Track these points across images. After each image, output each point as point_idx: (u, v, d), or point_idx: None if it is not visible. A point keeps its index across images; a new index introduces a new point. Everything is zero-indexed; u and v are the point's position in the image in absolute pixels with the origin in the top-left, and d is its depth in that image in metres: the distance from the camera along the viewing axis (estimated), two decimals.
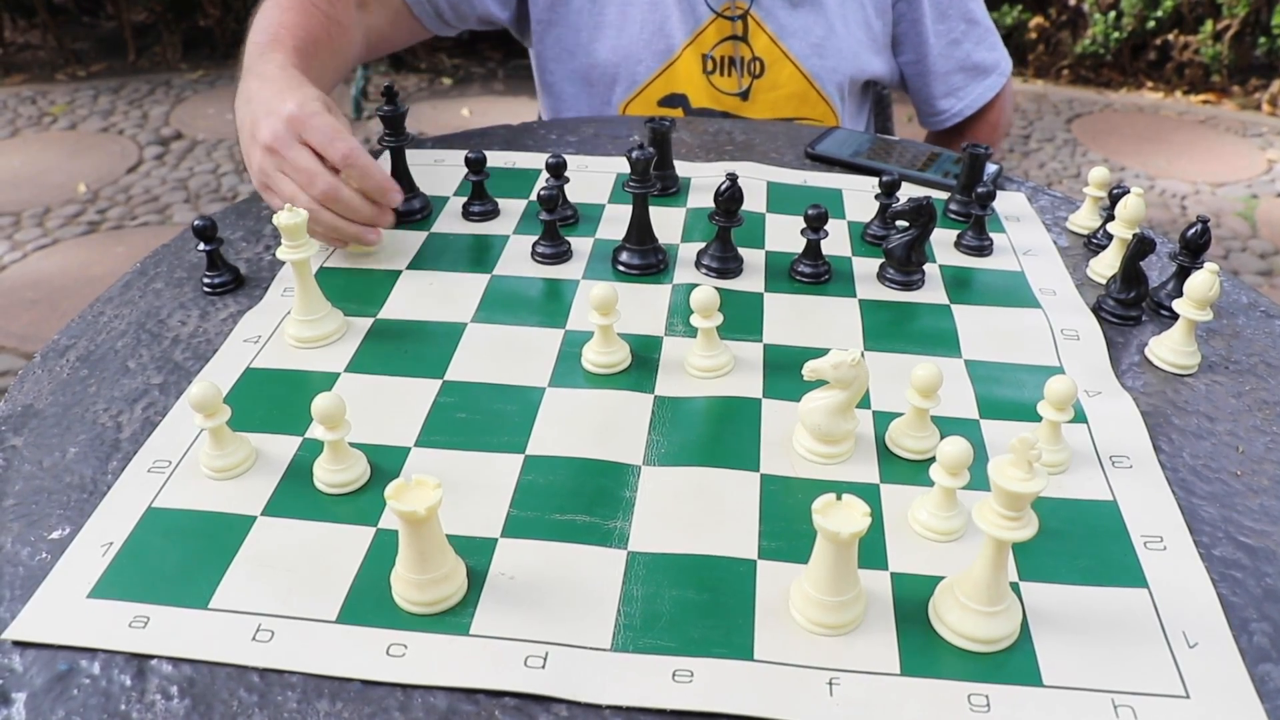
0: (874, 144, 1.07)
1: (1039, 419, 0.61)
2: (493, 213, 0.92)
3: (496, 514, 0.58)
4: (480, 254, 0.86)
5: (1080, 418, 0.67)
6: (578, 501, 0.59)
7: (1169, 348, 0.73)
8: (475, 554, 0.55)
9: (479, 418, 0.66)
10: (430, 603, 0.51)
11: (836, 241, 0.88)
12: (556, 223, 0.84)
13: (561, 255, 0.84)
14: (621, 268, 0.83)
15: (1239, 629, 0.52)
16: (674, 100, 1.23)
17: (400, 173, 0.91)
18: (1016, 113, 3.66)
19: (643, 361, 0.72)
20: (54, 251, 2.64)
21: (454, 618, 0.51)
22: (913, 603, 0.53)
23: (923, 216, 0.79)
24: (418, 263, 0.84)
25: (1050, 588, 0.54)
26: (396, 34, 1.21)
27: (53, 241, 2.68)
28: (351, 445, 0.61)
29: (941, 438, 0.56)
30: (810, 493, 0.50)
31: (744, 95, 1.22)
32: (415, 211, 0.92)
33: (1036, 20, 3.93)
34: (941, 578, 0.53)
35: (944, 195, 0.97)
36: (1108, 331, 0.77)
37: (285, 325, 0.74)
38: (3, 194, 2.92)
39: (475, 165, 0.89)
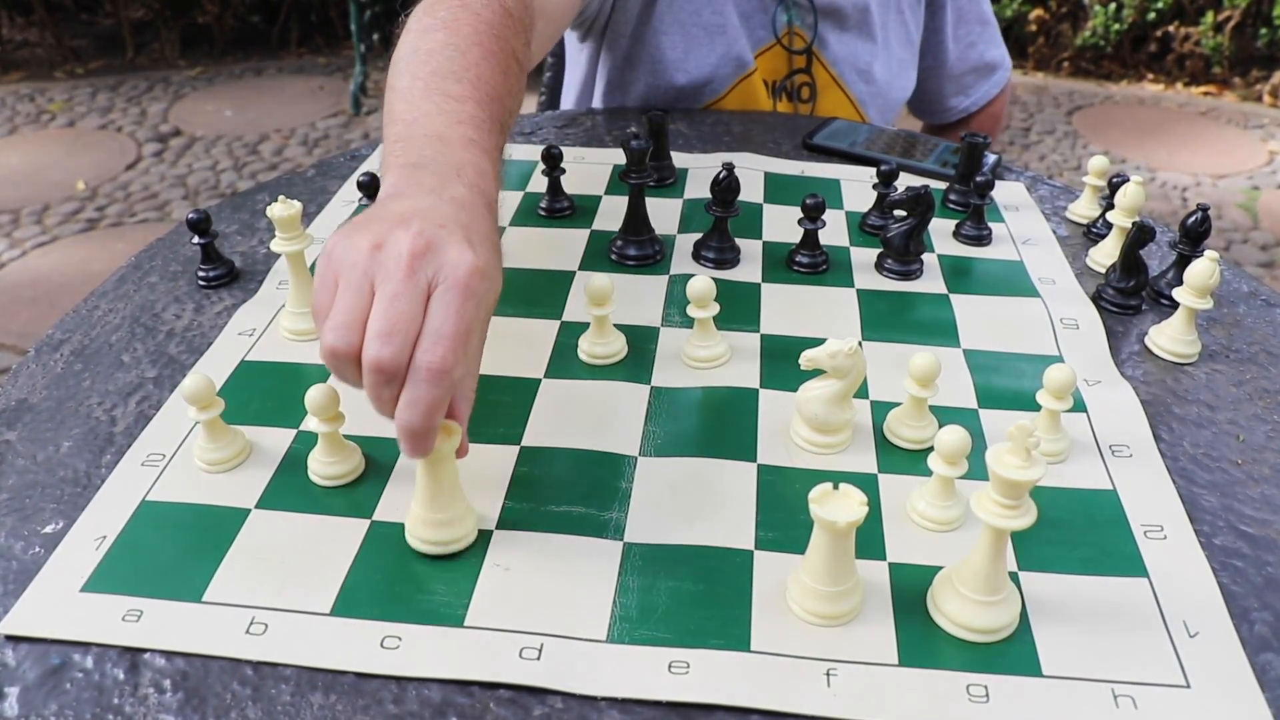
0: (872, 134, 1.07)
1: (1038, 408, 0.61)
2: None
3: (492, 505, 0.58)
4: None
5: (1080, 407, 0.66)
6: (573, 493, 0.59)
7: (1169, 336, 0.72)
8: (470, 546, 0.55)
9: (475, 409, 0.65)
10: (442, 542, 0.53)
11: (834, 231, 0.88)
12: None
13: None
14: (618, 258, 0.83)
15: (1240, 618, 0.51)
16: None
17: None
18: (1016, 105, 3.66)
19: (639, 352, 0.71)
20: (53, 249, 2.63)
21: (448, 609, 0.51)
22: (911, 593, 0.52)
23: (921, 206, 0.79)
24: None
25: (1049, 577, 0.54)
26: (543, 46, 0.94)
27: (51, 239, 2.68)
28: (346, 437, 0.60)
29: (940, 427, 0.56)
30: (807, 483, 0.50)
31: None
32: None
33: (1037, 12, 3.92)
34: (940, 568, 0.53)
35: (942, 185, 0.96)
36: (1107, 320, 0.76)
37: (280, 318, 0.74)
38: (1, 192, 2.92)
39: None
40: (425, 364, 0.48)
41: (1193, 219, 0.76)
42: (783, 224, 0.89)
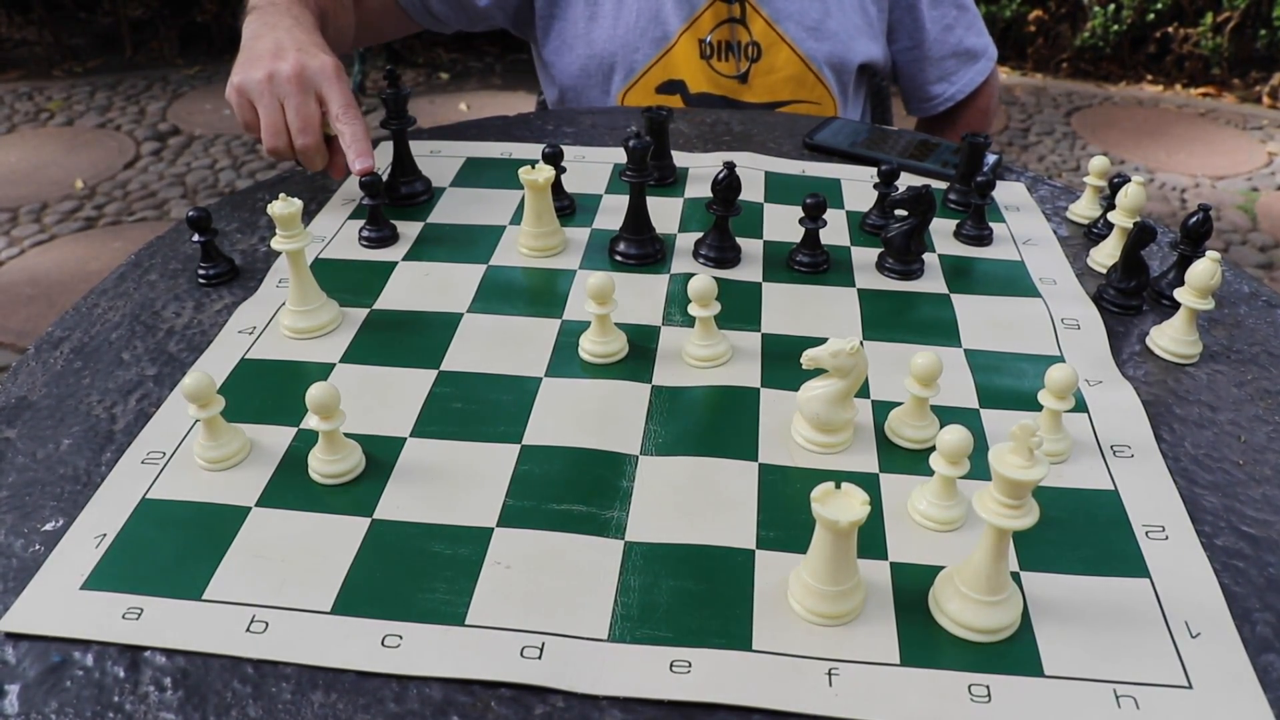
0: (872, 133, 1.07)
1: (1039, 408, 0.61)
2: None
3: (493, 504, 0.58)
4: (476, 244, 0.85)
5: (1081, 407, 0.66)
6: (575, 491, 0.58)
7: (1170, 337, 0.72)
8: (471, 544, 0.55)
9: (475, 408, 0.65)
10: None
11: (835, 231, 0.88)
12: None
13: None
14: (619, 257, 0.83)
15: (1241, 619, 0.51)
16: (672, 86, 1.22)
17: (402, 156, 0.92)
18: (1015, 106, 3.66)
19: (640, 351, 0.71)
20: (51, 247, 2.63)
21: (449, 608, 0.51)
22: (912, 593, 0.52)
23: (922, 205, 0.79)
24: (414, 253, 0.84)
25: (1051, 577, 0.54)
26: (385, 24, 1.23)
27: (50, 237, 2.67)
28: (346, 436, 0.60)
29: (941, 427, 0.56)
30: (809, 482, 0.50)
31: (742, 78, 1.22)
32: (418, 194, 0.92)
33: (1036, 13, 3.92)
34: (941, 567, 0.53)
35: (943, 185, 0.96)
36: (1108, 321, 0.76)
37: (280, 316, 0.74)
38: (0, 190, 2.91)
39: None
40: (346, 118, 0.86)
41: (1194, 219, 0.76)
42: (783, 223, 0.89)
